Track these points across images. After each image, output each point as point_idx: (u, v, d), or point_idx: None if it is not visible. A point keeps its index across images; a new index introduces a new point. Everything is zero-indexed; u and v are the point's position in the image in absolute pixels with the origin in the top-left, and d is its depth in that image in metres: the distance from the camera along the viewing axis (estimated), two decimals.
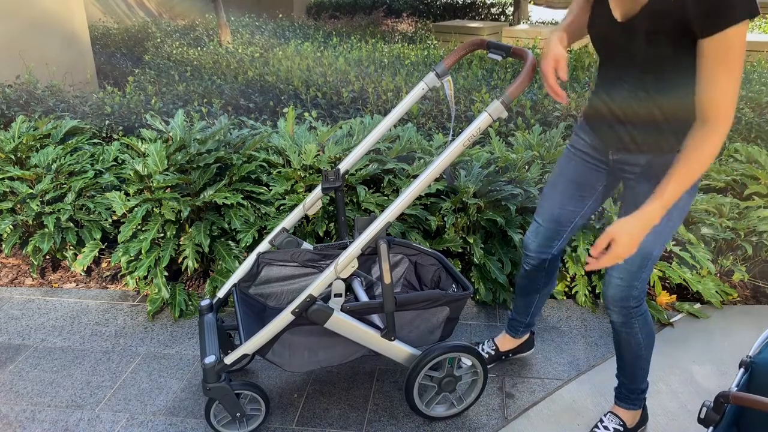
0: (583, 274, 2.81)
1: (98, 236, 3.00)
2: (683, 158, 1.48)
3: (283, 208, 2.89)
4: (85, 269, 3.12)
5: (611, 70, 1.70)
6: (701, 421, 1.30)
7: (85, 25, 5.79)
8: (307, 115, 3.67)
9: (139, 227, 2.85)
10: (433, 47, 6.72)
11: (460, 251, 2.89)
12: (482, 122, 1.79)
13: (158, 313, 2.80)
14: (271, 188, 2.94)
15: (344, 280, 1.87)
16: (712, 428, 1.30)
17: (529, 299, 2.23)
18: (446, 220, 2.78)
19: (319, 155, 3.03)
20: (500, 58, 1.89)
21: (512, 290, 2.83)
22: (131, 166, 2.95)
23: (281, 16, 9.68)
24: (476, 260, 2.75)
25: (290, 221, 2.27)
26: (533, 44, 7.23)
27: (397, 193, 2.96)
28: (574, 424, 2.13)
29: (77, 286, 3.05)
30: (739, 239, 2.89)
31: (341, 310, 1.90)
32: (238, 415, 2.00)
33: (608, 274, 1.83)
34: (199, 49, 6.04)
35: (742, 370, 1.46)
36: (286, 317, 1.86)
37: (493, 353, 2.40)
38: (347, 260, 1.83)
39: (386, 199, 2.88)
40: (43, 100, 4.08)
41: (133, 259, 2.83)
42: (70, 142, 3.37)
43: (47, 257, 3.21)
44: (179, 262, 2.93)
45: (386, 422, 2.15)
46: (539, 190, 2.87)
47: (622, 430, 2.04)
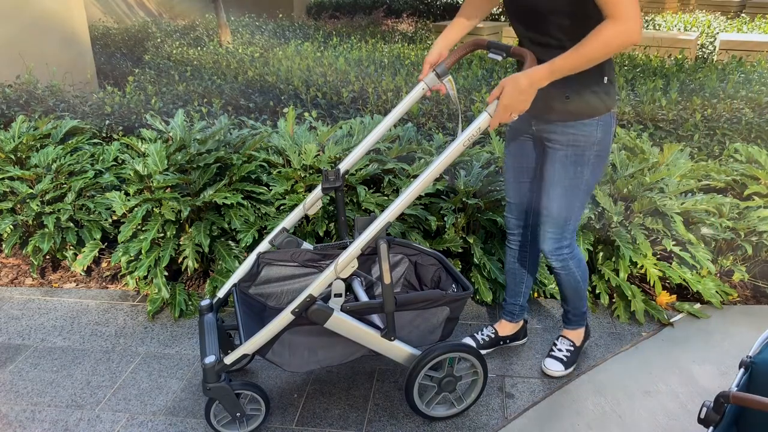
0: None
1: (98, 236, 3.01)
2: (582, 42, 1.68)
3: (283, 208, 2.89)
4: (85, 269, 3.12)
5: (525, 42, 1.94)
6: (701, 421, 1.30)
7: (85, 25, 5.79)
8: (307, 115, 3.67)
9: (139, 227, 2.85)
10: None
11: (460, 251, 2.89)
12: (482, 122, 1.80)
13: (158, 313, 2.80)
14: (271, 188, 2.94)
15: (344, 280, 1.87)
16: (712, 428, 1.30)
17: (518, 281, 2.42)
18: (446, 220, 2.78)
19: (319, 155, 3.03)
20: (500, 58, 1.91)
21: None
22: (131, 166, 2.95)
23: (281, 16, 9.68)
24: (476, 260, 2.75)
25: (290, 221, 2.27)
26: None
27: (397, 193, 2.96)
28: (574, 424, 2.13)
29: (77, 286, 3.06)
30: (739, 239, 2.89)
31: (341, 310, 1.90)
32: (238, 415, 2.00)
33: (542, 231, 2.12)
34: (199, 49, 6.04)
35: (742, 370, 1.46)
36: (286, 317, 1.86)
37: (493, 336, 2.49)
38: (347, 260, 1.83)
39: (386, 199, 2.88)
40: (43, 100, 4.08)
41: (133, 259, 2.83)
42: (70, 142, 3.37)
43: (47, 257, 3.22)
44: (179, 262, 2.93)
45: (386, 422, 2.15)
46: None
47: (573, 348, 2.38)
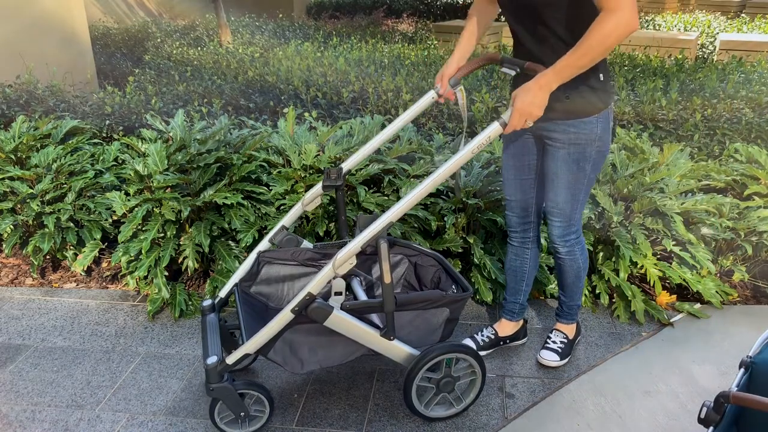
0: None
1: (98, 236, 3.01)
2: (582, 39, 1.69)
3: (283, 208, 2.89)
4: (85, 269, 3.12)
5: (523, 45, 1.97)
6: (701, 421, 1.30)
7: (85, 25, 5.79)
8: (307, 115, 3.67)
9: (139, 227, 2.85)
10: (433, 47, 6.72)
11: (460, 251, 2.89)
12: (493, 131, 1.80)
13: (158, 313, 2.80)
14: (271, 188, 2.94)
15: (343, 278, 1.87)
16: (712, 428, 1.30)
17: (519, 279, 2.42)
18: (446, 220, 2.79)
19: (319, 155, 3.03)
20: (513, 73, 1.92)
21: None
22: (131, 166, 2.95)
23: (281, 16, 9.68)
24: (476, 260, 2.75)
25: (290, 219, 2.27)
26: None
27: (397, 193, 2.96)
28: (574, 424, 2.13)
29: (77, 286, 3.06)
30: (739, 239, 2.89)
31: (341, 308, 1.90)
32: (242, 414, 2.00)
33: (550, 219, 2.18)
34: (199, 49, 6.04)
35: (742, 370, 1.46)
36: (286, 316, 1.86)
37: (492, 337, 2.48)
38: (346, 256, 1.82)
39: (386, 199, 2.88)
40: (43, 100, 4.08)
41: (133, 259, 2.83)
42: (70, 142, 3.37)
43: (47, 257, 3.22)
44: (179, 262, 2.93)
45: (386, 422, 2.15)
46: None
47: (566, 341, 2.44)
